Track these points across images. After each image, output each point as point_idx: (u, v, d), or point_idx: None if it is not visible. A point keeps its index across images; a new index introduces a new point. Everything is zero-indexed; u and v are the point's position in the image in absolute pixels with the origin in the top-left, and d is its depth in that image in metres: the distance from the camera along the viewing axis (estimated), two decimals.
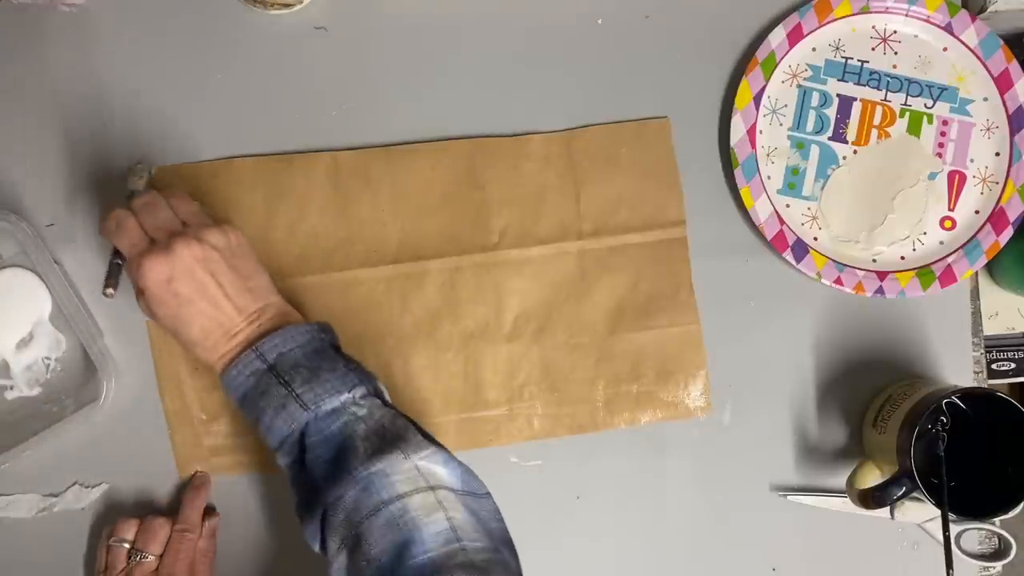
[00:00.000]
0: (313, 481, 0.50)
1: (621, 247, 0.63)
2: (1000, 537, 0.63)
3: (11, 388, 0.62)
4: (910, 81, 0.64)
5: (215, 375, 0.53)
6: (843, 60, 0.64)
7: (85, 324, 0.60)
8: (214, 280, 0.52)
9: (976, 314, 0.65)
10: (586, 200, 0.63)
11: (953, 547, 0.54)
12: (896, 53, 0.64)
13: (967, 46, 0.64)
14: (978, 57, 0.64)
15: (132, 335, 0.62)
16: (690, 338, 0.63)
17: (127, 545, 0.57)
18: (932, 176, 0.64)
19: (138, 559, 0.57)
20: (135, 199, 0.55)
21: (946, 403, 0.56)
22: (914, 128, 0.64)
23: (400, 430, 0.50)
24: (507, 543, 0.50)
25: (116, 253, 0.56)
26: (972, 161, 0.64)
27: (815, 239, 0.64)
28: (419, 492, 0.48)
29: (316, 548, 0.50)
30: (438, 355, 0.63)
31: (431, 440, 0.51)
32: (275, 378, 0.51)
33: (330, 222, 0.62)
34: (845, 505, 0.61)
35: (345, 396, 0.51)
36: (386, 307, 0.62)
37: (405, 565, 0.45)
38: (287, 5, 0.63)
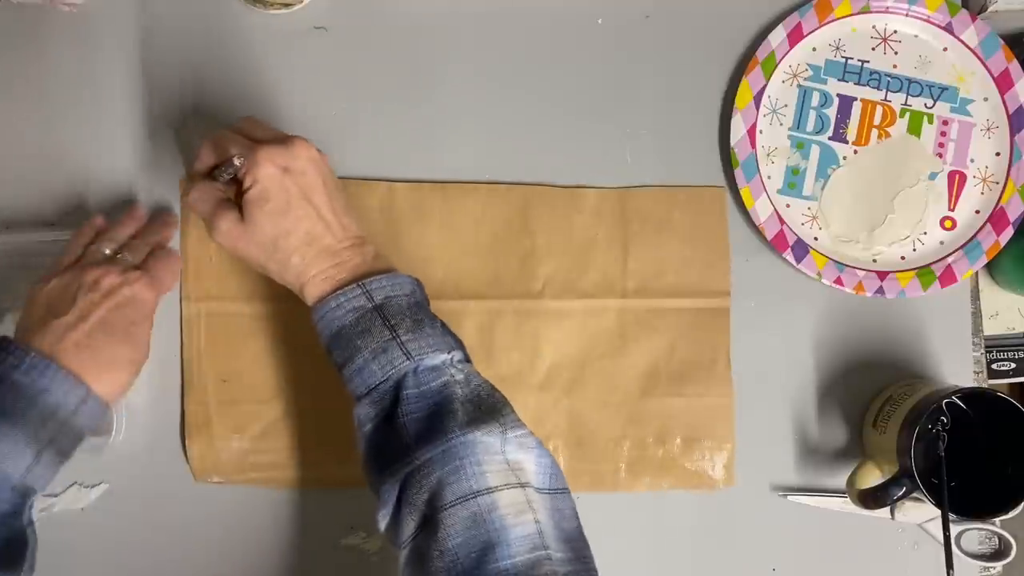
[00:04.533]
0: (401, 438, 0.47)
1: (662, 310, 0.63)
2: (1000, 537, 0.63)
3: None
4: (910, 81, 0.64)
5: (255, 371, 0.50)
6: (843, 60, 0.64)
7: None
8: (324, 187, 0.49)
9: (976, 314, 0.65)
10: (633, 259, 0.63)
11: (953, 547, 0.53)
12: (896, 53, 0.64)
13: (967, 46, 0.64)
14: (978, 57, 0.64)
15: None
16: (721, 410, 0.63)
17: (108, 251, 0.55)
18: (932, 176, 0.64)
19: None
20: (237, 123, 0.53)
21: (946, 403, 0.56)
22: (914, 128, 0.64)
23: (498, 403, 0.48)
24: (585, 543, 0.47)
25: (216, 169, 0.51)
26: (972, 161, 0.64)
27: (815, 239, 0.64)
28: (509, 488, 0.45)
29: (384, 518, 0.47)
30: None
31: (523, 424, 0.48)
32: (380, 320, 0.48)
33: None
34: (845, 505, 0.61)
35: (445, 356, 0.48)
36: None
37: (487, 568, 0.43)
38: (287, 5, 0.63)
